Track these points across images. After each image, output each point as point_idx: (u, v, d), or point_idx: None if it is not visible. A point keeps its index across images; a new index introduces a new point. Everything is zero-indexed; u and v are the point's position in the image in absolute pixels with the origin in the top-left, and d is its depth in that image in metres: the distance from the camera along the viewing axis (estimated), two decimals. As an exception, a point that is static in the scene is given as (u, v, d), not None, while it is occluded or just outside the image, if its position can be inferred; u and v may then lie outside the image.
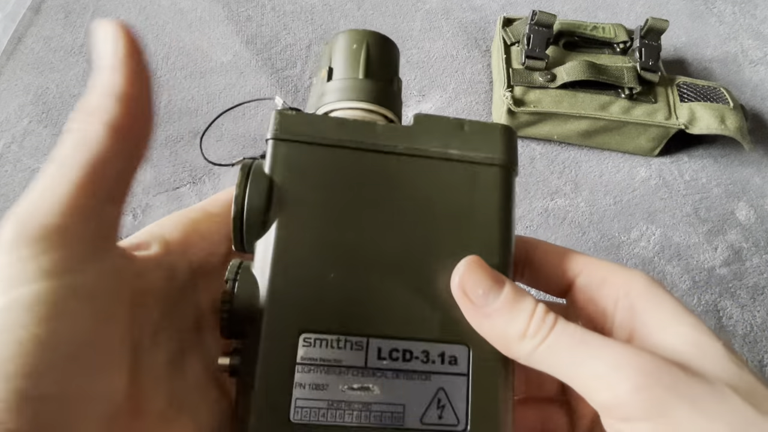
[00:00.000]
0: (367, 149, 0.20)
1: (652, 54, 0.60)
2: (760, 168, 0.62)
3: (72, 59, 0.64)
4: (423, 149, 0.21)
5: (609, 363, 0.18)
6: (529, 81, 0.59)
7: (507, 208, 0.21)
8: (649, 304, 0.20)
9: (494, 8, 0.73)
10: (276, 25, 0.69)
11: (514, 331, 0.19)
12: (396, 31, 0.70)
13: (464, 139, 0.21)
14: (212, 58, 0.66)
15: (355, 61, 0.24)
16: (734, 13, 0.75)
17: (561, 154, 0.61)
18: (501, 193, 0.21)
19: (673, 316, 0.20)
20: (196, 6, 0.70)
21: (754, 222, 0.58)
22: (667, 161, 0.61)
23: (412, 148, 0.21)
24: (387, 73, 0.24)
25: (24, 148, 0.57)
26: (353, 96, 0.23)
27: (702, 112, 0.58)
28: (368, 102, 0.23)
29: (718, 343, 0.19)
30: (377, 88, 0.23)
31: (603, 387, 0.18)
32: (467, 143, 0.21)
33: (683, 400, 0.17)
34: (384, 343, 0.19)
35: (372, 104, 0.23)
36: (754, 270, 0.55)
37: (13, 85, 0.62)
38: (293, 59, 0.66)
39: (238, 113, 0.62)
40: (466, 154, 0.21)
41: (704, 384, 0.17)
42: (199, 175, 0.57)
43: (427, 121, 0.21)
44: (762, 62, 0.71)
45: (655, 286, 0.21)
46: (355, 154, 0.20)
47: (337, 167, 0.20)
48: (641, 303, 0.21)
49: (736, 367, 0.18)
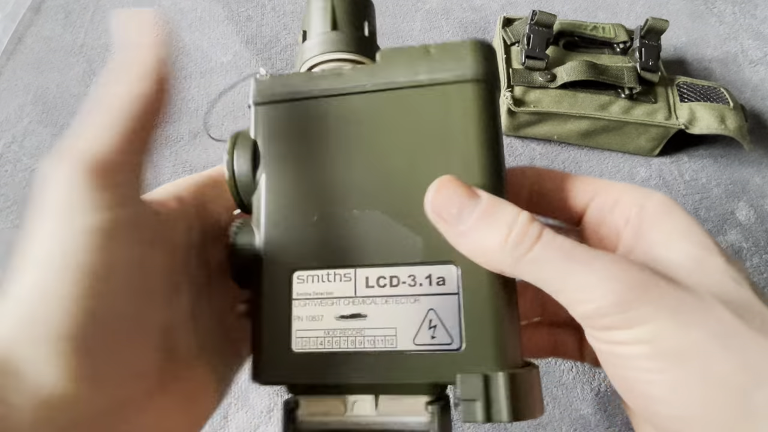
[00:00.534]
0: (337, 94, 0.21)
1: (652, 54, 0.60)
2: (760, 168, 0.62)
3: (72, 59, 0.64)
4: (391, 82, 0.21)
5: (595, 275, 0.17)
6: (529, 81, 0.59)
7: (486, 124, 0.20)
8: (658, 221, 0.20)
9: (494, 8, 0.73)
10: (276, 25, 0.69)
11: (492, 244, 0.18)
12: (396, 31, 0.70)
13: (432, 62, 0.21)
14: (212, 58, 0.66)
15: (321, 17, 0.25)
16: (734, 13, 0.75)
17: (561, 154, 0.61)
18: (477, 109, 0.20)
19: (681, 234, 0.19)
20: (196, 6, 0.70)
21: (754, 222, 0.58)
22: (667, 161, 0.61)
23: (379, 83, 0.21)
24: (355, 20, 0.25)
25: (24, 148, 0.57)
26: (323, 49, 0.24)
27: (702, 112, 0.58)
28: (338, 51, 0.24)
29: (720, 258, 0.19)
30: (345, 37, 0.24)
31: (587, 299, 0.17)
32: (435, 66, 0.21)
33: (664, 311, 0.17)
34: (371, 271, 0.20)
35: (342, 53, 0.24)
36: (754, 270, 0.55)
37: (13, 85, 0.62)
38: (293, 59, 0.66)
39: (238, 113, 0.62)
40: (436, 77, 0.21)
41: (690, 296, 0.17)
42: (199, 175, 0.57)
43: (392, 54, 0.21)
44: (762, 62, 0.71)
45: (670, 204, 0.20)
46: (327, 101, 0.21)
47: (312, 117, 0.21)
48: (651, 220, 0.20)
49: (734, 283, 0.18)
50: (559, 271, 0.18)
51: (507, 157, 0.67)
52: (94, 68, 0.64)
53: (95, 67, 0.64)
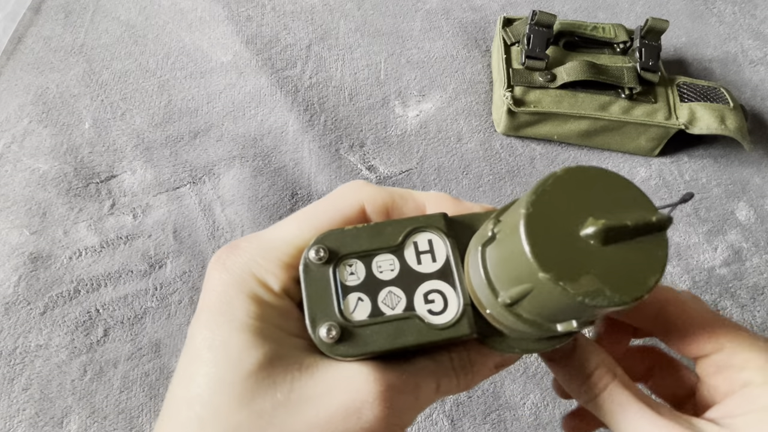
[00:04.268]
0: None
1: (652, 54, 0.60)
2: (760, 168, 0.62)
3: (72, 59, 0.64)
4: None
5: (638, 429, 0.20)
6: (529, 81, 0.59)
7: None
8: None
9: (494, 8, 0.73)
10: (276, 25, 0.69)
11: (577, 383, 0.22)
12: (396, 31, 0.70)
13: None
14: (212, 58, 0.66)
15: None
16: (734, 13, 0.75)
17: (561, 154, 0.61)
18: None
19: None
20: (196, 6, 0.70)
21: (754, 222, 0.58)
22: (667, 161, 0.61)
23: None
24: None
25: (24, 148, 0.57)
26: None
27: (702, 112, 0.58)
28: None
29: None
30: None
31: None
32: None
33: None
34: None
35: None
36: (754, 270, 0.55)
37: (13, 85, 0.62)
38: (293, 59, 0.66)
39: (238, 113, 0.62)
40: None
41: None
42: (199, 175, 0.57)
43: None
44: (762, 62, 0.71)
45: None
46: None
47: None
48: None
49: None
50: (614, 419, 0.21)
51: (507, 157, 0.67)
52: (94, 68, 0.64)
53: (95, 67, 0.64)
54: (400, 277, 0.20)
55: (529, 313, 0.18)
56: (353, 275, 0.20)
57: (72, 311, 0.49)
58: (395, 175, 0.59)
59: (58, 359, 0.46)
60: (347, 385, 0.19)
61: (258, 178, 0.57)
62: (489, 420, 0.46)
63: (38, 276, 0.50)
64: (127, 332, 0.48)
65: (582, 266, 0.15)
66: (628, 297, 0.15)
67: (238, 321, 0.19)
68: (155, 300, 0.50)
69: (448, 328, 0.19)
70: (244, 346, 0.19)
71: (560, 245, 0.16)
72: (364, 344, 0.19)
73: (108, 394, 0.45)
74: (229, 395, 0.18)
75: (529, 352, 0.21)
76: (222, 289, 0.20)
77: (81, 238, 0.52)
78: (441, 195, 0.22)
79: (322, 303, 0.19)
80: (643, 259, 0.16)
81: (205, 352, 0.19)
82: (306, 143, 0.60)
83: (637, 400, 0.21)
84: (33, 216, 0.53)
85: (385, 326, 0.19)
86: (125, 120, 0.60)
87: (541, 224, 0.16)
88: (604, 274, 0.15)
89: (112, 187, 0.56)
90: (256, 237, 0.21)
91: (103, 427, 0.44)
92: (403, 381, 0.19)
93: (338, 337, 0.19)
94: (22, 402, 0.45)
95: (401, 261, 0.20)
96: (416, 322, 0.19)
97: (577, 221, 0.16)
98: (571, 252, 0.16)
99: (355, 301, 0.20)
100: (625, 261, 0.16)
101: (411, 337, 0.19)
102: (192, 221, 0.54)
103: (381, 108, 0.63)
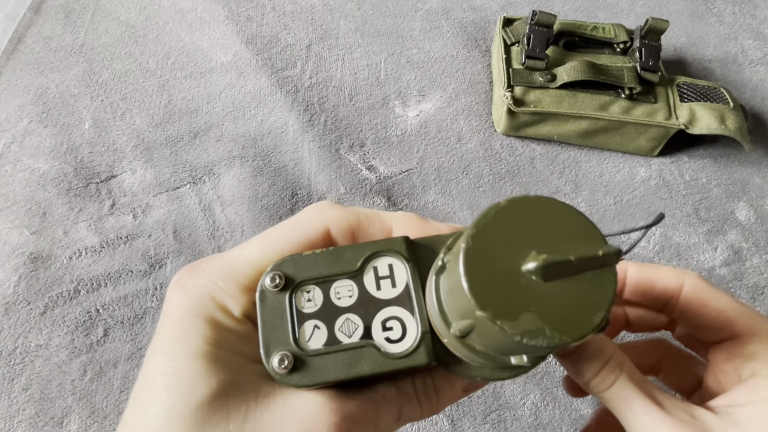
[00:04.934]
0: None
1: (652, 54, 0.60)
2: (760, 168, 0.62)
3: (72, 59, 0.64)
4: None
5: (641, 427, 0.21)
6: (529, 81, 0.59)
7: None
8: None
9: (494, 8, 0.73)
10: (276, 25, 0.69)
11: (585, 378, 0.22)
12: (396, 31, 0.70)
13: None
14: (212, 58, 0.66)
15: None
16: (734, 13, 0.75)
17: (561, 154, 0.61)
18: None
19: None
20: (196, 6, 0.70)
21: (754, 222, 0.58)
22: (667, 161, 0.61)
23: None
24: None
25: (24, 148, 0.57)
26: None
27: (702, 112, 0.58)
28: None
29: None
30: None
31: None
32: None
33: None
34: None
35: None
36: (754, 270, 0.55)
37: (13, 85, 0.62)
38: (293, 59, 0.66)
39: (238, 113, 0.62)
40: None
41: None
42: (199, 175, 0.57)
43: None
44: (762, 62, 0.71)
45: None
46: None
47: None
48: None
49: None
50: (621, 411, 0.22)
51: (507, 157, 0.67)
52: (94, 68, 0.64)
53: (95, 67, 0.64)
54: (358, 303, 0.19)
55: (480, 345, 0.17)
56: (310, 302, 0.19)
57: (72, 311, 0.49)
58: (395, 175, 0.59)
59: (58, 359, 0.46)
60: (303, 416, 0.18)
61: (258, 178, 0.57)
62: (489, 420, 0.46)
63: (38, 276, 0.50)
64: (127, 332, 0.48)
65: (522, 304, 0.15)
66: (569, 337, 0.15)
67: (194, 347, 0.19)
68: (155, 300, 0.50)
69: (406, 356, 0.19)
70: (197, 375, 0.18)
71: (500, 281, 0.15)
72: (319, 374, 0.18)
73: (108, 394, 0.45)
74: (179, 427, 0.18)
75: (492, 380, 0.20)
76: (179, 312, 0.19)
77: (81, 238, 0.52)
78: (408, 215, 0.22)
79: (277, 331, 0.19)
80: (588, 296, 0.15)
81: (158, 379, 0.18)
82: (306, 143, 0.60)
83: (641, 396, 0.21)
84: (33, 216, 0.53)
85: (341, 355, 0.18)
86: (125, 120, 0.60)
87: (481, 259, 0.15)
88: (544, 312, 0.15)
89: (112, 187, 0.56)
90: (218, 258, 0.21)
91: (103, 427, 0.44)
92: (362, 410, 0.19)
93: (291, 366, 0.18)
94: (22, 402, 0.45)
95: (360, 287, 0.19)
96: (372, 351, 0.19)
97: (519, 256, 0.15)
98: (511, 289, 0.15)
99: (311, 329, 0.19)
100: (569, 298, 0.15)
101: (366, 366, 0.18)
102: (192, 221, 0.54)
103: (381, 108, 0.63)
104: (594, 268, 0.16)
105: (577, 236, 0.16)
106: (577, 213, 0.17)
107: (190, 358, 0.18)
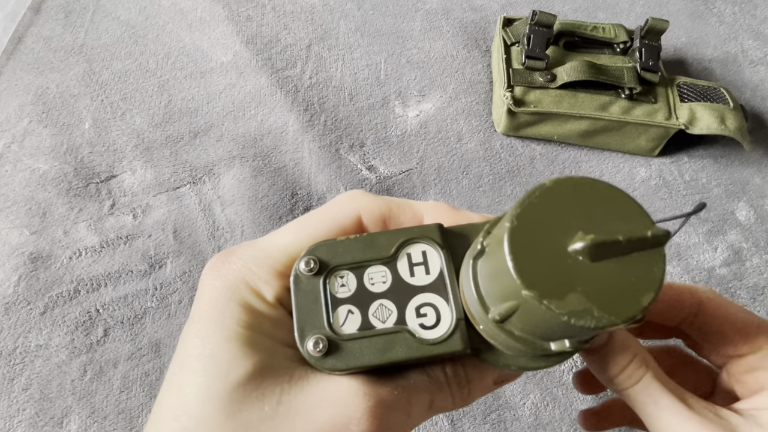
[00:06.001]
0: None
1: (652, 54, 0.60)
2: (760, 168, 0.62)
3: (72, 59, 0.64)
4: None
5: (667, 424, 0.21)
6: (529, 81, 0.59)
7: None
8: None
9: (494, 8, 0.73)
10: (276, 25, 0.69)
11: (610, 374, 0.22)
12: (396, 31, 0.70)
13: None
14: (212, 58, 0.66)
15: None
16: (734, 13, 0.75)
17: (561, 154, 0.61)
18: None
19: None
20: (196, 6, 0.70)
21: (754, 222, 0.58)
22: (667, 161, 0.61)
23: None
24: None
25: (24, 148, 0.57)
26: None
27: (702, 112, 0.58)
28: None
29: None
30: None
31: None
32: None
33: None
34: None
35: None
36: (754, 270, 0.55)
37: (13, 85, 0.62)
38: (293, 59, 0.66)
39: (238, 113, 0.62)
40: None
41: None
42: (199, 175, 0.57)
43: None
44: (762, 62, 0.71)
45: None
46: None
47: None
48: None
49: None
50: (645, 410, 0.21)
51: (507, 157, 0.67)
52: (94, 68, 0.64)
53: (95, 67, 0.64)
54: (392, 289, 0.19)
55: (520, 331, 0.17)
56: (344, 287, 0.19)
57: (72, 311, 0.49)
58: (395, 175, 0.59)
59: (58, 359, 0.46)
60: (336, 400, 0.18)
61: (258, 178, 0.57)
62: (489, 420, 0.46)
63: (38, 276, 0.50)
64: (127, 332, 0.48)
65: (569, 284, 0.15)
66: (618, 318, 0.15)
67: (229, 330, 0.19)
68: (155, 300, 0.50)
69: (440, 343, 0.19)
70: (233, 357, 0.18)
71: (546, 261, 0.15)
72: (353, 358, 0.18)
73: (108, 394, 0.45)
74: (215, 407, 0.18)
75: (527, 370, 0.20)
76: (214, 296, 0.20)
77: (81, 238, 0.52)
78: (439, 204, 0.22)
79: (312, 315, 0.19)
80: (637, 277, 0.15)
81: (194, 361, 0.19)
82: (306, 143, 0.60)
83: (669, 393, 0.21)
84: (33, 216, 0.53)
85: (375, 340, 0.19)
86: (125, 120, 0.60)
87: (527, 239, 0.15)
88: (592, 292, 0.15)
89: (112, 187, 0.56)
90: (251, 245, 0.21)
91: (103, 427, 0.44)
92: (395, 397, 0.19)
93: (326, 350, 0.18)
94: (22, 402, 0.45)
95: (394, 273, 0.20)
96: (406, 337, 0.19)
97: (565, 236, 0.15)
98: (557, 268, 0.15)
99: (345, 314, 0.19)
100: (617, 279, 0.15)
101: (401, 352, 0.18)
102: (192, 221, 0.54)
103: (381, 108, 0.63)
104: (642, 249, 0.15)
105: (624, 217, 0.16)
106: (624, 194, 0.16)
107: (226, 340, 0.19)
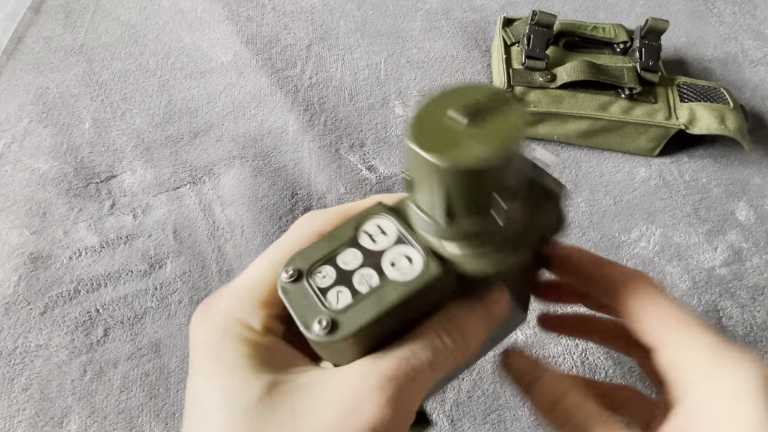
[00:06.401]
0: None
1: (652, 54, 0.60)
2: (760, 168, 0.62)
3: (72, 59, 0.64)
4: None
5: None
6: (529, 81, 0.59)
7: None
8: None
9: (494, 8, 0.73)
10: (276, 25, 0.69)
11: (542, 415, 0.24)
12: (396, 31, 0.70)
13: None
14: (212, 58, 0.66)
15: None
16: (734, 13, 0.75)
17: (561, 154, 0.61)
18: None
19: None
20: (196, 6, 0.70)
21: (754, 222, 0.58)
22: (667, 161, 0.61)
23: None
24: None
25: (24, 148, 0.57)
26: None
27: (702, 112, 0.58)
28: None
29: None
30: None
31: None
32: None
33: None
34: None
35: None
36: (754, 270, 0.55)
37: (13, 85, 0.62)
38: (293, 59, 0.66)
39: (238, 113, 0.62)
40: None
41: None
42: (199, 175, 0.57)
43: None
44: (762, 62, 0.71)
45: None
46: None
47: None
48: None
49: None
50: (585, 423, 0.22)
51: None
52: (94, 68, 0.64)
53: (95, 67, 0.64)
54: (365, 260, 0.22)
55: (460, 214, 0.20)
56: (326, 278, 0.22)
57: (72, 311, 0.49)
58: (395, 175, 0.59)
59: (58, 359, 0.46)
60: (344, 388, 0.20)
61: (258, 178, 0.57)
62: (489, 420, 0.46)
63: (38, 276, 0.50)
64: (127, 332, 0.48)
65: (455, 141, 0.19)
66: (501, 152, 0.18)
67: (230, 363, 0.20)
68: (155, 300, 0.50)
69: (420, 276, 0.21)
70: (241, 384, 0.20)
71: (438, 134, 0.19)
72: (357, 320, 0.20)
73: (108, 394, 0.45)
74: (237, 430, 0.19)
75: (489, 273, 0.22)
76: (208, 338, 0.21)
77: (81, 238, 0.52)
78: (375, 197, 0.25)
79: (308, 308, 0.21)
80: (507, 125, 0.19)
81: (206, 399, 0.20)
82: (306, 143, 0.60)
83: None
84: (33, 216, 0.53)
85: (368, 299, 0.21)
86: (125, 120, 0.60)
87: (422, 129, 0.20)
88: (473, 143, 0.19)
89: (112, 187, 0.56)
90: (228, 288, 0.23)
91: (103, 427, 0.44)
92: (395, 366, 0.20)
93: (330, 326, 0.20)
94: (22, 402, 0.45)
95: (360, 249, 0.22)
96: (392, 284, 0.21)
97: (445, 113, 0.20)
98: (445, 134, 0.19)
99: (335, 296, 0.21)
100: (491, 130, 0.19)
101: (393, 296, 0.21)
102: (192, 221, 0.54)
103: (381, 108, 0.63)
104: (504, 104, 0.19)
105: (486, 93, 0.20)
106: (488, 85, 0.21)
107: (230, 372, 0.20)
